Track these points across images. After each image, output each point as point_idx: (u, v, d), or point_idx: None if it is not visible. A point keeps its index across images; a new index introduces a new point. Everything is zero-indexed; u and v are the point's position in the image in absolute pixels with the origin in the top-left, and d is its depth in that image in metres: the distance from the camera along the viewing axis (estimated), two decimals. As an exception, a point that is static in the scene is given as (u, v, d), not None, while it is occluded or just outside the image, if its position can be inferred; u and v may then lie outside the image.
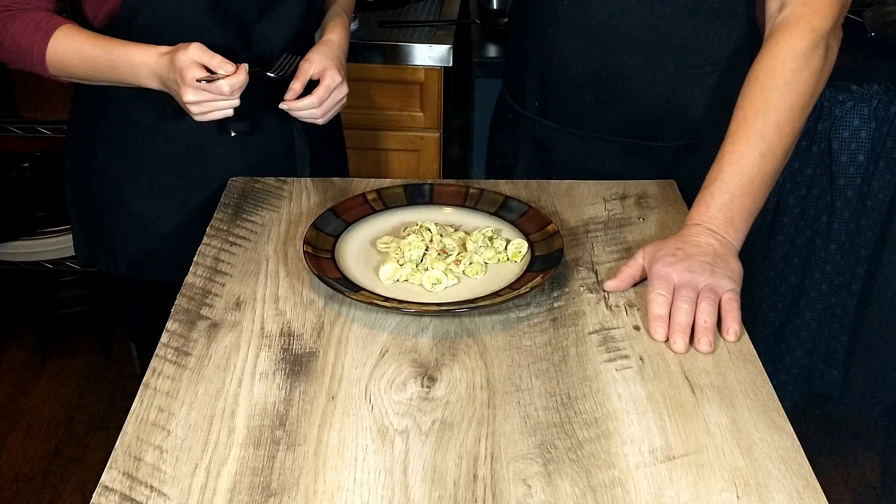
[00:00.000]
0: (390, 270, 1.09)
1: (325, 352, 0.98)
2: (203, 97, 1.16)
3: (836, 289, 2.15)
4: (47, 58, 1.22)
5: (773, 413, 0.90)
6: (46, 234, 2.31)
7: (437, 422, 0.88)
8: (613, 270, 1.11)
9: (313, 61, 1.31)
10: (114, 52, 1.20)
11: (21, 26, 1.21)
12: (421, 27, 2.07)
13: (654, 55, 1.28)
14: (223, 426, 0.87)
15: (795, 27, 1.14)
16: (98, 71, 1.22)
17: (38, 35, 1.21)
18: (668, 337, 0.99)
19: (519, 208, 1.20)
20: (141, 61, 1.19)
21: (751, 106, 1.12)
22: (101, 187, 1.37)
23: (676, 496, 0.80)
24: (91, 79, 1.25)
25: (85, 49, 1.21)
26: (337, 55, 1.34)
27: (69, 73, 1.24)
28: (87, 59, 1.21)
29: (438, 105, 2.07)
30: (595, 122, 1.35)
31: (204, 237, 1.18)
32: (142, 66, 1.19)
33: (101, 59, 1.21)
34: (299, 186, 1.31)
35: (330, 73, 1.30)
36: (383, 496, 0.80)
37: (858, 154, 1.99)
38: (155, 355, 0.97)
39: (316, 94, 1.27)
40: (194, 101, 1.17)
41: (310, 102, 1.27)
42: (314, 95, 1.27)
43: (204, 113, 1.19)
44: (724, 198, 1.09)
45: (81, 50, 1.21)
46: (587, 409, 0.90)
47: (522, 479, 0.82)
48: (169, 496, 0.80)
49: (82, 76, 1.25)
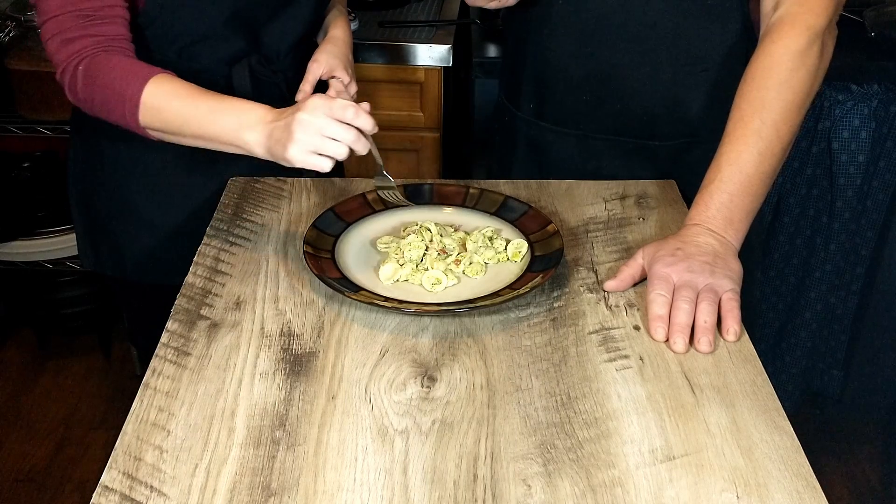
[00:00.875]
0: (390, 270, 1.09)
1: (325, 352, 0.98)
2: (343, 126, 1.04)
3: (836, 289, 2.15)
4: (142, 100, 1.12)
5: (773, 413, 0.90)
6: (46, 234, 2.31)
7: (437, 422, 0.88)
8: (613, 270, 1.11)
9: (321, 62, 1.31)
10: (219, 96, 1.12)
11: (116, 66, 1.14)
12: (421, 27, 2.07)
13: (649, 53, 1.28)
14: (223, 426, 0.87)
15: (791, 26, 1.14)
16: (197, 113, 1.11)
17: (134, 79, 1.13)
18: (668, 337, 0.99)
19: (519, 208, 1.20)
20: (250, 107, 1.10)
21: (748, 105, 1.12)
22: (109, 193, 1.36)
23: (676, 496, 0.80)
24: (183, 126, 1.13)
25: (184, 90, 1.13)
26: (344, 53, 1.34)
27: (161, 119, 1.13)
28: (186, 99, 1.12)
29: (438, 105, 2.07)
30: (591, 121, 1.35)
31: (204, 237, 1.18)
32: (251, 111, 1.09)
33: (203, 102, 1.11)
34: (299, 186, 1.31)
35: (339, 73, 1.31)
36: (383, 496, 0.80)
37: (858, 154, 1.99)
38: (155, 355, 0.97)
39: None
40: (342, 116, 1.03)
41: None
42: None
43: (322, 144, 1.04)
44: (722, 197, 1.09)
45: (179, 92, 1.12)
46: (587, 409, 0.90)
47: (522, 479, 0.82)
48: (169, 496, 0.80)
49: (174, 122, 1.13)
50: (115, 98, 1.13)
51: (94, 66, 1.14)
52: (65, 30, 1.14)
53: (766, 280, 2.19)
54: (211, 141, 1.12)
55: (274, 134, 1.06)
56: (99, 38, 1.15)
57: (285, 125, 1.04)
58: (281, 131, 1.05)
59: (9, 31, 2.20)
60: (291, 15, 1.31)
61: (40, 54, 2.17)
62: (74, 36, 1.14)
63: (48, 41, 1.16)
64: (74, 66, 1.15)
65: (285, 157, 1.05)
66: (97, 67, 1.14)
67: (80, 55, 1.15)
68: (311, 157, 1.04)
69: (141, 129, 1.15)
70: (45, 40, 1.16)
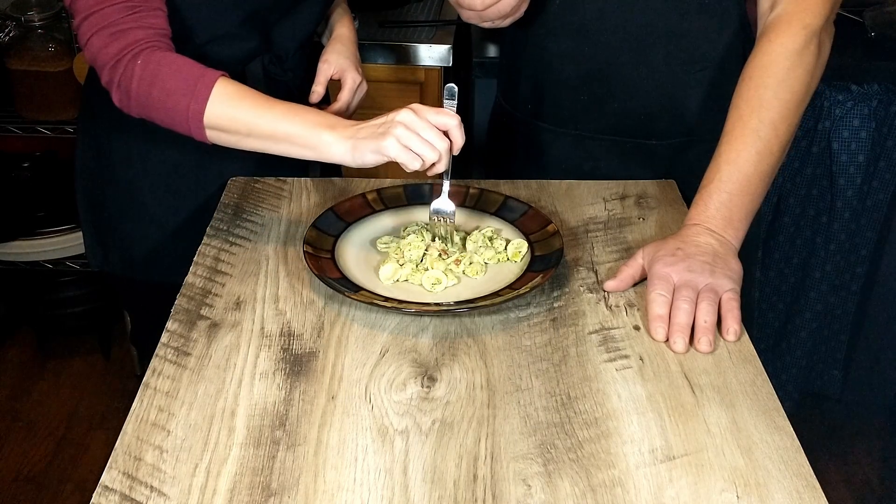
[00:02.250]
0: (390, 270, 1.09)
1: (325, 352, 0.98)
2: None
3: (836, 289, 2.15)
4: (212, 97, 1.08)
5: (773, 413, 0.90)
6: (46, 234, 2.31)
7: (437, 422, 0.88)
8: (613, 270, 1.11)
9: (331, 62, 1.32)
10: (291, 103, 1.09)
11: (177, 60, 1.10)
12: (421, 27, 2.07)
13: (646, 52, 1.28)
14: (223, 426, 0.87)
15: (788, 25, 1.14)
16: (273, 112, 1.08)
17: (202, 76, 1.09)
18: (668, 337, 0.99)
19: (519, 208, 1.20)
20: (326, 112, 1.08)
21: (745, 104, 1.13)
22: (118, 194, 1.35)
23: (676, 496, 0.80)
24: (254, 125, 1.08)
25: (255, 92, 1.10)
26: (352, 52, 1.35)
27: (231, 117, 1.09)
28: (259, 98, 1.09)
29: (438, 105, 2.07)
30: (589, 121, 1.35)
31: (204, 237, 1.18)
32: (330, 115, 1.08)
33: (277, 103, 1.09)
34: (299, 186, 1.31)
35: (350, 74, 1.31)
36: (383, 496, 0.80)
37: (858, 154, 1.99)
38: (155, 355, 0.97)
39: (343, 100, 1.29)
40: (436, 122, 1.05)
41: (342, 107, 1.28)
42: (342, 101, 1.29)
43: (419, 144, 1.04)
44: (722, 197, 1.09)
45: (250, 92, 1.09)
46: (587, 409, 0.90)
47: (522, 479, 0.82)
48: (169, 496, 0.80)
49: (245, 120, 1.08)
50: (180, 93, 1.08)
51: (154, 60, 1.09)
52: (112, 23, 1.09)
53: (766, 280, 2.19)
54: (283, 141, 1.08)
55: (362, 132, 1.04)
56: (150, 31, 1.10)
57: (381, 123, 1.04)
58: (373, 129, 1.04)
59: (9, 31, 2.20)
60: (302, 14, 1.31)
61: (40, 54, 2.17)
62: (126, 28, 1.09)
63: (93, 36, 1.10)
64: (130, 58, 1.09)
65: (380, 148, 1.02)
66: (157, 61, 1.09)
67: (137, 46, 1.09)
68: (404, 153, 1.03)
69: (199, 129, 1.09)
70: (89, 37, 1.10)
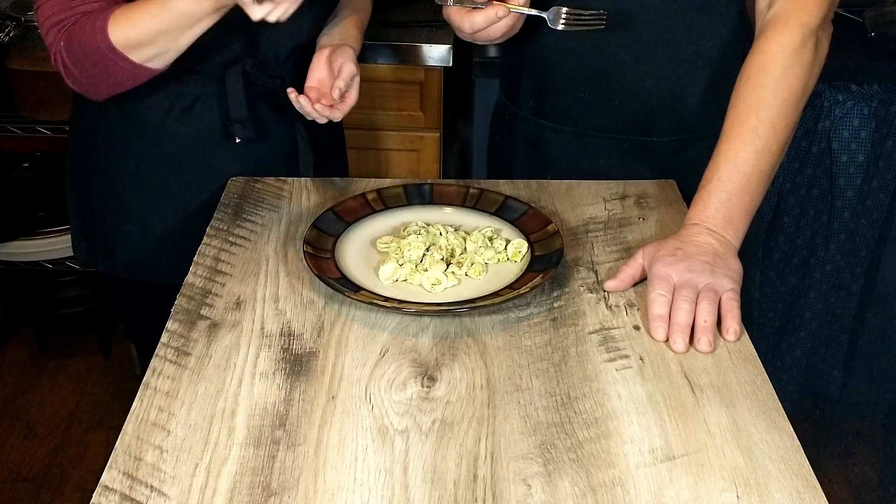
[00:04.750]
0: (390, 270, 1.09)
1: (325, 352, 0.98)
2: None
3: (836, 289, 2.15)
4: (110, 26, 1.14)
5: (773, 413, 0.90)
6: (46, 234, 2.31)
7: (437, 422, 0.88)
8: (613, 270, 1.11)
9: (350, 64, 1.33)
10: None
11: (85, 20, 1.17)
12: (421, 27, 2.07)
13: (645, 50, 1.28)
14: (223, 426, 0.87)
15: (785, 23, 1.15)
16: (153, 14, 1.14)
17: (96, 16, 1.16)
18: (668, 337, 0.99)
19: (519, 208, 1.20)
20: None
21: (743, 104, 1.13)
22: (103, 189, 1.36)
23: (676, 496, 0.80)
24: (152, 28, 1.15)
25: (138, 7, 1.15)
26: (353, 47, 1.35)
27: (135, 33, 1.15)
28: (142, 9, 1.15)
29: (438, 105, 2.07)
30: (590, 118, 1.35)
31: (204, 237, 1.18)
32: None
33: (151, 4, 1.14)
34: (299, 186, 1.31)
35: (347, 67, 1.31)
36: (383, 496, 0.80)
37: (858, 154, 1.99)
38: (155, 355, 0.97)
39: (351, 98, 1.30)
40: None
41: (352, 103, 1.30)
42: (350, 99, 1.30)
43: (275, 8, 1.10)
44: (721, 196, 1.09)
45: (134, 8, 1.15)
46: (587, 408, 0.90)
47: (522, 479, 0.82)
48: (169, 496, 0.80)
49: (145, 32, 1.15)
50: (88, 35, 1.15)
51: (73, 31, 1.17)
52: (53, 14, 1.17)
53: (766, 280, 2.19)
54: (175, 28, 1.14)
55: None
56: (78, 14, 1.17)
57: None
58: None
59: (9, 31, 2.19)
60: (291, 22, 1.31)
61: (40, 54, 2.17)
62: (61, 18, 1.17)
63: (43, 32, 1.19)
64: (59, 40, 1.17)
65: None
66: (72, 31, 1.17)
67: (62, 27, 1.17)
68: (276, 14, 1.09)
69: (122, 56, 1.16)
70: (42, 33, 1.20)
